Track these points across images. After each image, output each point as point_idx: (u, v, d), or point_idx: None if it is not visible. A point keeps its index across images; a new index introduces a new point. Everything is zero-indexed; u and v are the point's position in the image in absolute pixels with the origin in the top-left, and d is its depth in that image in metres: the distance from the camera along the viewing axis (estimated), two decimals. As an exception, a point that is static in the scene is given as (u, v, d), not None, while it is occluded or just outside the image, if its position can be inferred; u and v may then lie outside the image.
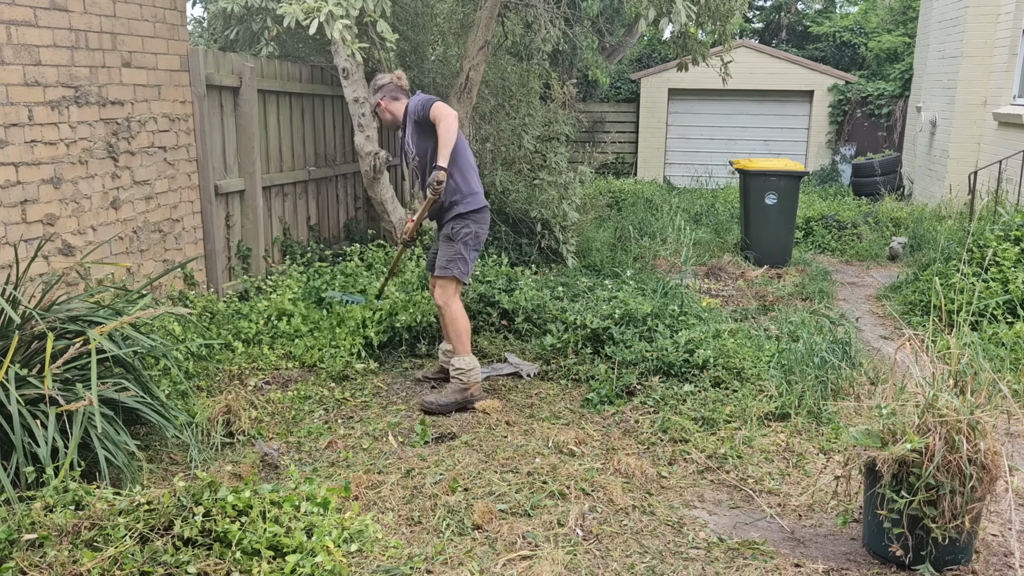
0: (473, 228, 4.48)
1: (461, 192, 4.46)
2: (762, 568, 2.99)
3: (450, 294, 4.51)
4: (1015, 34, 9.64)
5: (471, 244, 4.50)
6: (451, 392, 4.45)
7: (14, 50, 4.14)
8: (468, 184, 4.48)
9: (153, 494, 2.90)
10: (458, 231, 4.46)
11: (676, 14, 6.01)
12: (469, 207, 4.47)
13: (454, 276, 4.47)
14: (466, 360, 4.47)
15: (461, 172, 4.45)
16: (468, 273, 4.53)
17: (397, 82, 4.60)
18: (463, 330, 4.50)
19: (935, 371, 3.04)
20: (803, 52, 17.34)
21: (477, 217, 4.49)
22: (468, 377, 4.45)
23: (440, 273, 4.49)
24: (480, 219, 4.52)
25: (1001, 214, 6.99)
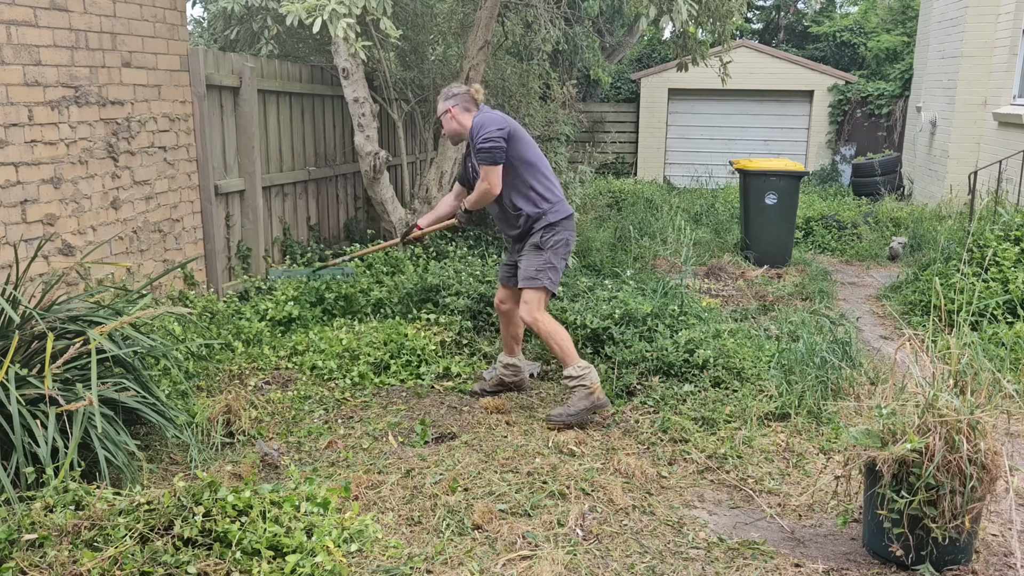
0: (564, 235, 4.30)
1: (548, 201, 4.30)
2: (762, 568, 2.99)
3: (538, 307, 4.24)
4: (1015, 34, 9.64)
5: (561, 252, 4.30)
6: (577, 400, 4.19)
7: (14, 50, 4.14)
8: (552, 192, 4.33)
9: (153, 494, 2.90)
10: (547, 239, 4.26)
11: (677, 12, 6.01)
12: (559, 215, 4.30)
13: (544, 287, 4.23)
14: (580, 365, 4.23)
15: (542, 182, 4.31)
16: (558, 282, 4.33)
17: (474, 94, 4.40)
18: (564, 340, 4.25)
19: (935, 371, 3.04)
20: (803, 52, 17.35)
21: (567, 224, 4.33)
22: (589, 380, 4.20)
23: (527, 284, 4.24)
24: (569, 226, 4.36)
25: (1001, 214, 6.99)
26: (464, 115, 4.35)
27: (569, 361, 4.23)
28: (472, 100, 4.36)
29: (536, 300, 4.24)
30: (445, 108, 4.36)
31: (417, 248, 6.93)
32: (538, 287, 4.23)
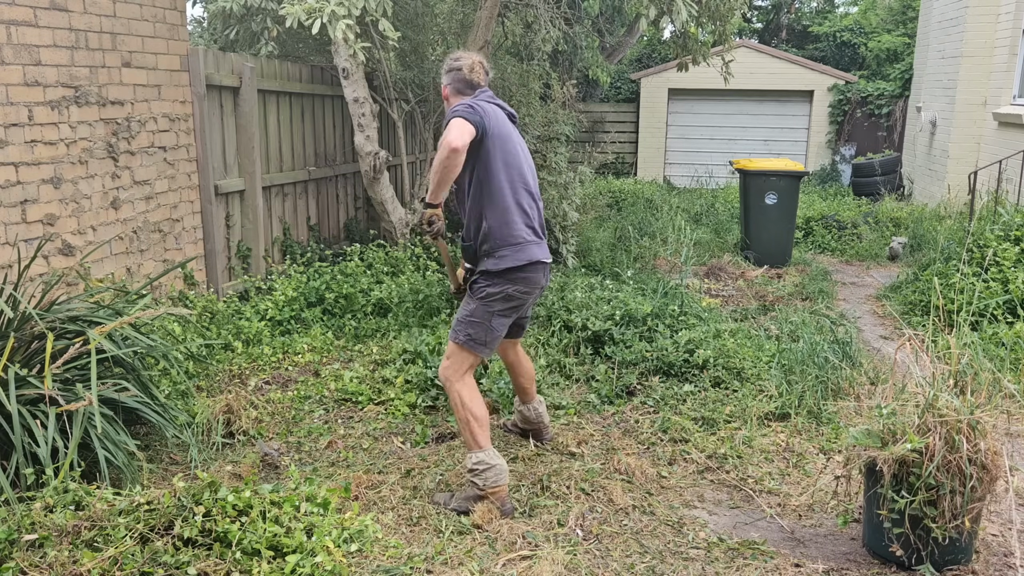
0: (502, 289, 3.32)
1: (492, 240, 3.32)
2: (762, 568, 2.99)
3: (455, 367, 3.36)
4: (1015, 34, 9.64)
5: (496, 307, 3.34)
6: (464, 498, 3.36)
7: (14, 50, 4.14)
8: (504, 228, 3.31)
9: (153, 494, 2.90)
10: (481, 287, 3.36)
11: (677, 13, 6.01)
12: (507, 263, 3.30)
13: (462, 344, 3.36)
14: (481, 456, 3.32)
15: (493, 210, 3.32)
16: (487, 345, 3.36)
17: (468, 74, 3.43)
18: (472, 419, 3.32)
19: (935, 371, 3.04)
20: (803, 52, 17.34)
21: (519, 276, 3.34)
22: (487, 481, 3.29)
23: (450, 335, 3.42)
24: (517, 278, 3.34)
25: (1001, 214, 6.99)
26: (455, 99, 3.47)
27: (473, 447, 3.33)
28: (467, 82, 3.44)
29: (455, 356, 3.37)
30: (443, 86, 3.55)
31: (417, 248, 6.93)
32: (458, 343, 3.36)
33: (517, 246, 3.33)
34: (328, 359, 5.13)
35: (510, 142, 3.37)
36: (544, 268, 3.43)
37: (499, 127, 3.32)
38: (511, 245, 3.32)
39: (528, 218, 3.38)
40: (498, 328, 3.36)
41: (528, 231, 3.37)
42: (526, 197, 3.40)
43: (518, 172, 3.38)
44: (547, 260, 3.44)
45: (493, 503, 3.28)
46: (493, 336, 3.37)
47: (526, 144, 3.79)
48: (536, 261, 3.36)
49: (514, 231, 3.33)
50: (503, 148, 3.32)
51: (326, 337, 5.35)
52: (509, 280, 3.32)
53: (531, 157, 3.56)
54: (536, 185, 3.51)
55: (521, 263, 3.32)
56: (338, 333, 5.56)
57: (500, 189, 3.31)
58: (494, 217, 3.32)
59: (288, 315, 5.56)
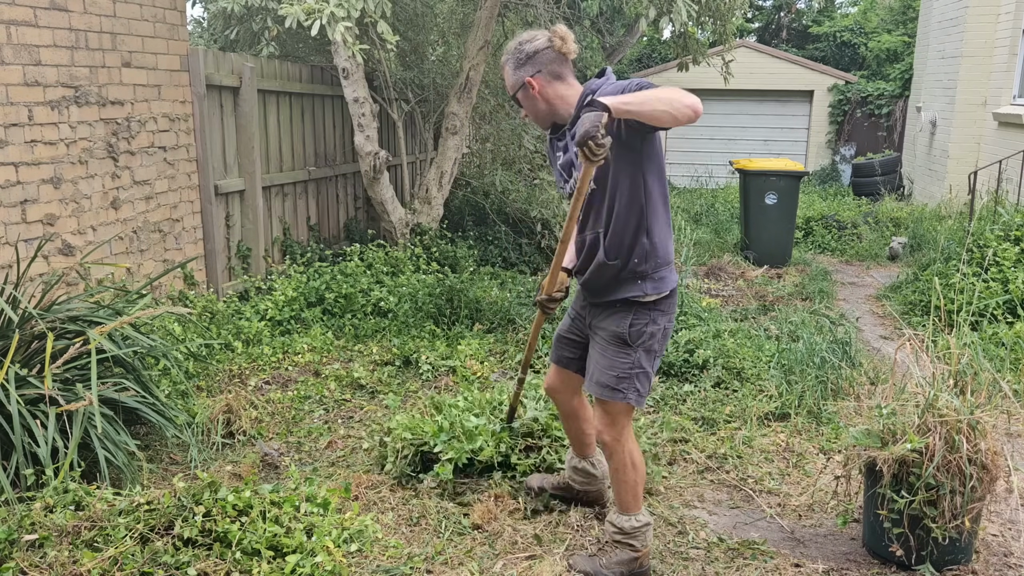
0: (662, 324, 2.82)
1: (652, 259, 2.76)
2: (762, 568, 2.99)
3: (621, 428, 2.86)
4: (1015, 34, 9.64)
5: (658, 347, 2.85)
6: (615, 562, 2.93)
7: (14, 50, 4.14)
8: (663, 247, 2.78)
9: (153, 494, 2.90)
10: (640, 330, 2.78)
11: (677, 13, 6.01)
12: (660, 290, 2.77)
13: (632, 404, 2.84)
14: (643, 517, 2.96)
15: (658, 221, 2.76)
16: (647, 393, 2.88)
17: (560, 46, 2.74)
18: (640, 480, 2.93)
19: (935, 371, 3.04)
20: (803, 52, 17.34)
21: (667, 305, 2.82)
22: (641, 543, 2.94)
23: (604, 396, 2.83)
24: (669, 307, 2.84)
25: (1001, 214, 6.99)
26: (556, 85, 2.77)
27: (630, 509, 2.94)
28: (562, 58, 2.77)
29: (620, 417, 2.86)
30: (522, 80, 2.76)
31: (418, 248, 6.93)
32: (627, 402, 2.83)
33: (670, 267, 2.82)
34: (328, 359, 5.13)
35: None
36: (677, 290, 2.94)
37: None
38: (667, 266, 2.79)
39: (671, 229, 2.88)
40: (654, 372, 2.88)
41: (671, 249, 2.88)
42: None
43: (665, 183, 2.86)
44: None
45: (644, 562, 2.94)
46: (651, 383, 2.92)
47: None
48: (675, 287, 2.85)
49: (670, 251, 2.83)
50: (660, 151, 2.78)
51: (326, 337, 5.35)
52: (662, 311, 2.80)
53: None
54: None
55: (675, 284, 2.84)
56: (338, 333, 5.56)
57: (663, 197, 2.77)
58: (660, 231, 2.76)
59: (288, 315, 5.56)
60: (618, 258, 2.74)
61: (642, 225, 2.71)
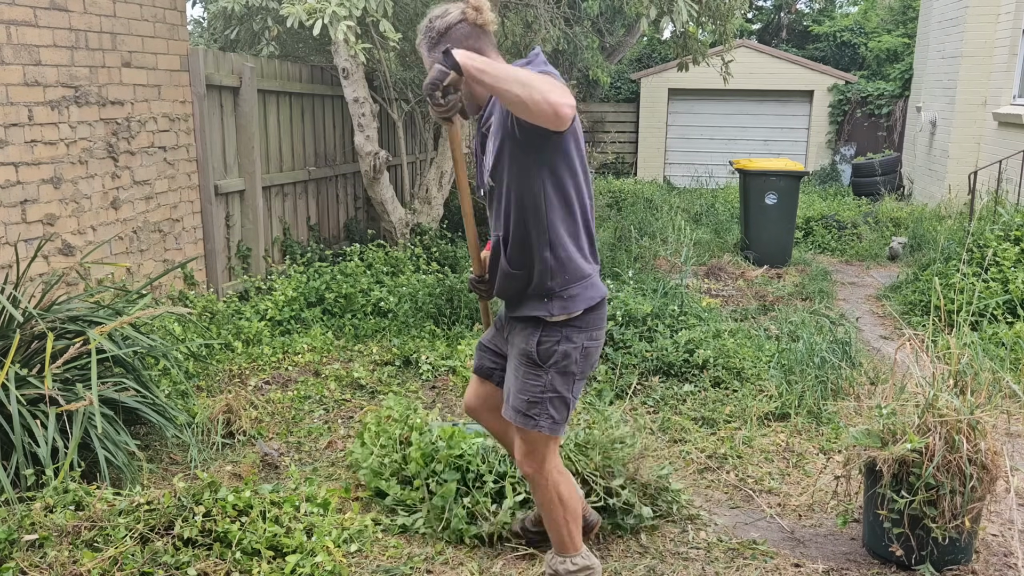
0: (579, 342, 2.46)
1: (559, 276, 2.42)
2: (762, 568, 2.99)
3: (541, 457, 2.55)
4: (1015, 34, 9.64)
5: (575, 372, 2.48)
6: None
7: (14, 50, 4.14)
8: (573, 263, 2.43)
9: (153, 494, 2.90)
10: (549, 350, 2.44)
11: (677, 13, 6.01)
12: (569, 310, 2.43)
13: (545, 433, 2.50)
14: (582, 561, 2.68)
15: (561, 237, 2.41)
16: (566, 422, 2.54)
17: (475, 18, 2.40)
18: (571, 518, 2.61)
19: (935, 371, 3.04)
20: (803, 52, 17.34)
21: (586, 322, 2.46)
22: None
23: (518, 422, 2.52)
24: (590, 323, 2.47)
25: (1001, 214, 6.99)
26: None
27: (569, 549, 2.66)
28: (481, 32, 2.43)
29: (537, 443, 2.53)
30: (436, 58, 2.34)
31: (417, 248, 6.93)
32: (538, 430, 2.50)
33: (586, 280, 2.45)
34: (328, 359, 5.13)
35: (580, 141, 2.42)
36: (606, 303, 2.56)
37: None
38: (580, 280, 2.44)
39: (592, 241, 2.51)
40: (576, 397, 2.53)
41: (593, 259, 2.51)
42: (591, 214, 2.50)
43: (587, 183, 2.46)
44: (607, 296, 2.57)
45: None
46: (571, 410, 2.55)
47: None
48: (604, 298, 2.51)
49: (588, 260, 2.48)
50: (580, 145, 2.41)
51: (326, 337, 5.35)
52: (580, 328, 2.45)
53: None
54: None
55: (603, 296, 2.50)
56: (338, 333, 5.56)
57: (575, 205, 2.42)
58: (567, 245, 2.41)
59: (288, 315, 5.56)
60: (522, 269, 2.43)
61: (543, 237, 2.37)
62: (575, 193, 2.39)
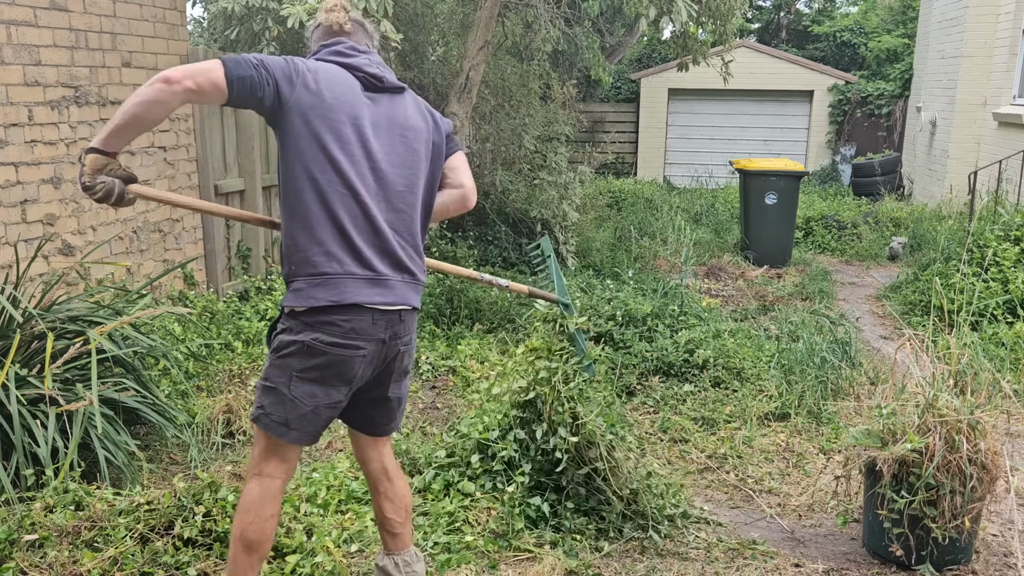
0: (305, 339, 2.24)
1: (288, 264, 2.30)
2: (762, 568, 2.99)
3: (256, 457, 2.34)
4: (1015, 34, 9.64)
5: (295, 369, 2.26)
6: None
7: (14, 50, 4.14)
8: (303, 255, 2.26)
9: (153, 494, 2.90)
10: (277, 337, 2.30)
11: (677, 13, 6.01)
12: (295, 303, 2.26)
13: (255, 422, 2.32)
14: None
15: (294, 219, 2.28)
16: (292, 426, 2.28)
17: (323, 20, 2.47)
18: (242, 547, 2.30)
19: (935, 371, 3.04)
20: (803, 52, 17.34)
21: (318, 321, 2.24)
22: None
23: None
24: (324, 325, 2.24)
25: (1001, 214, 6.99)
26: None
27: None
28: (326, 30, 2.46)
29: (259, 439, 2.34)
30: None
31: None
32: (252, 419, 2.35)
33: (319, 278, 2.23)
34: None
35: (344, 124, 2.26)
36: (384, 316, 2.28)
37: (326, 97, 2.24)
38: (309, 276, 2.24)
39: (355, 239, 2.25)
40: (304, 400, 2.25)
41: (350, 258, 2.25)
42: (364, 208, 2.26)
43: (355, 169, 2.26)
44: (388, 305, 2.28)
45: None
46: (298, 412, 2.26)
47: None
48: (353, 304, 2.23)
49: (317, 256, 2.24)
50: (326, 129, 2.23)
51: (326, 337, 5.35)
52: (309, 325, 2.24)
53: (420, 155, 2.40)
54: (415, 195, 2.38)
55: (320, 304, 2.22)
56: (338, 333, 5.55)
57: (305, 190, 2.24)
58: (293, 231, 2.27)
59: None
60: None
61: (284, 218, 2.31)
62: (324, 181, 2.23)
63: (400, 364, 2.43)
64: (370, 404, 2.46)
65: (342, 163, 2.24)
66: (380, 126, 2.32)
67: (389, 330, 2.31)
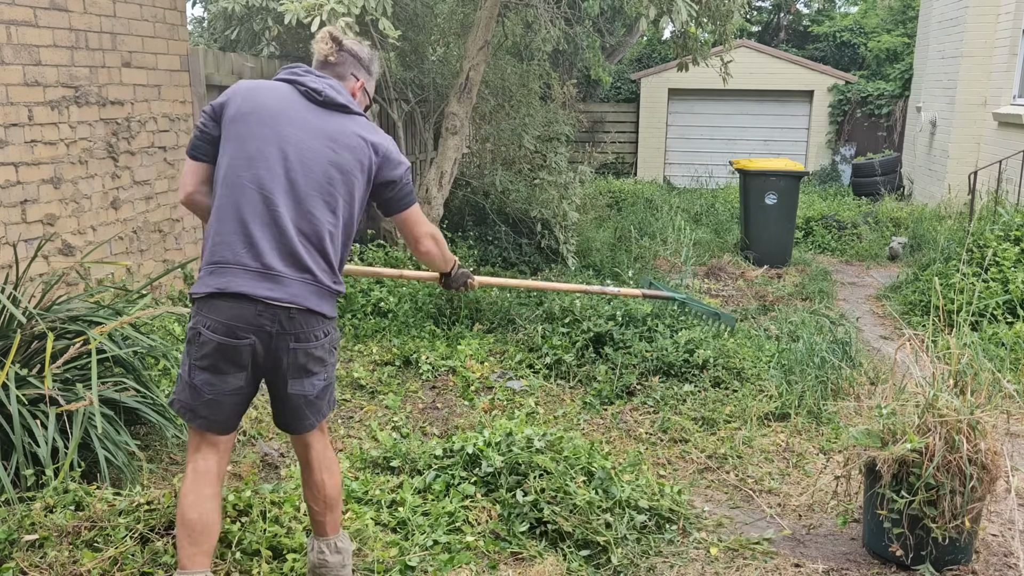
0: (196, 326, 2.36)
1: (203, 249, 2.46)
2: (762, 568, 2.99)
3: (189, 442, 2.47)
4: (1015, 34, 9.64)
5: (191, 356, 2.37)
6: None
7: (14, 50, 4.14)
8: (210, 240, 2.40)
9: (153, 494, 2.90)
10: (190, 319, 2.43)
11: (677, 13, 6.01)
12: (196, 286, 2.39)
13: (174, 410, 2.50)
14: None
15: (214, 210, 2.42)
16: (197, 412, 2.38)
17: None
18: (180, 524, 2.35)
19: (935, 371, 3.04)
20: (803, 52, 17.34)
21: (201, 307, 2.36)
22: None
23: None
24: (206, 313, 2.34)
25: (1001, 214, 6.99)
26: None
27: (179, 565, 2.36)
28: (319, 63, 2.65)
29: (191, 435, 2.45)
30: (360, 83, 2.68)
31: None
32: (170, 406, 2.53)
33: (212, 266, 2.35)
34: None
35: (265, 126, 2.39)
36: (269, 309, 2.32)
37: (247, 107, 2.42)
38: (207, 264, 2.38)
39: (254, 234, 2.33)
40: (204, 388, 2.34)
41: (245, 250, 2.33)
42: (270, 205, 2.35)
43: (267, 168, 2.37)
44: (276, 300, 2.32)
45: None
46: (201, 399, 2.35)
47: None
48: (238, 293, 2.30)
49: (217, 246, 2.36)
50: (245, 131, 2.39)
51: (326, 337, 5.35)
52: (200, 311, 2.35)
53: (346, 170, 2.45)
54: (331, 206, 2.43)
55: (207, 291, 2.33)
56: (338, 333, 5.55)
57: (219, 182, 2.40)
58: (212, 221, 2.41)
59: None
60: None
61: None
62: (235, 176, 2.38)
63: (294, 361, 2.40)
64: (277, 401, 2.52)
65: (256, 161, 2.37)
66: (307, 134, 2.42)
67: (276, 324, 2.34)
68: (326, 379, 2.51)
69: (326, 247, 2.42)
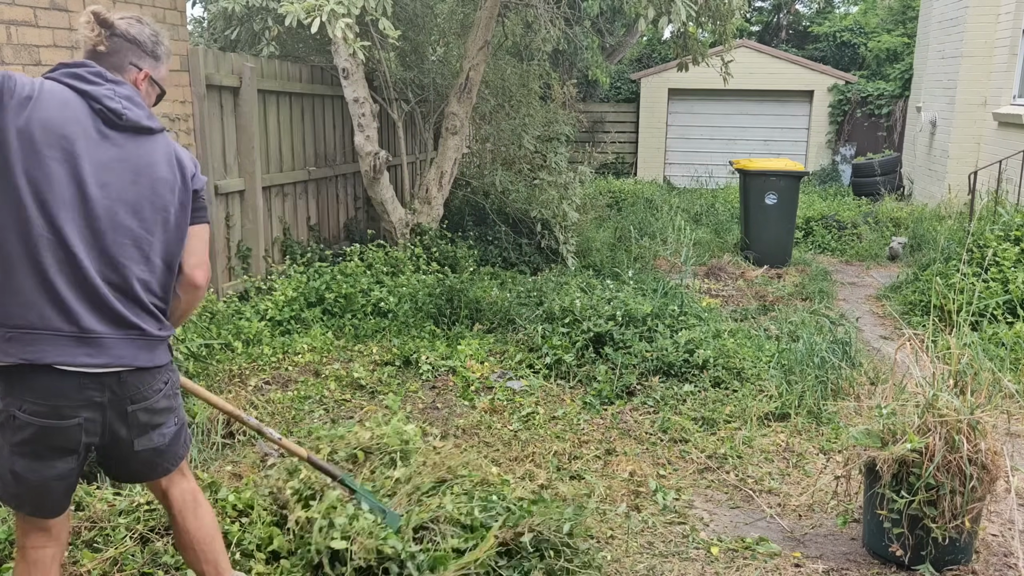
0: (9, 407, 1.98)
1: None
2: (762, 568, 2.99)
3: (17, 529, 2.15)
4: (1015, 34, 9.64)
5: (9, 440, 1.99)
6: None
7: (14, 50, 4.14)
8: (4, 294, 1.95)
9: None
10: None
11: (676, 13, 6.01)
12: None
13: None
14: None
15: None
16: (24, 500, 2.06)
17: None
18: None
19: (935, 371, 3.04)
20: (803, 52, 17.34)
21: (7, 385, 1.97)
22: None
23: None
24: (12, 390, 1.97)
25: (1001, 214, 6.99)
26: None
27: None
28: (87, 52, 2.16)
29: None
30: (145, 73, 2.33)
31: (417, 248, 6.93)
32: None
33: (13, 331, 1.94)
34: (328, 359, 5.13)
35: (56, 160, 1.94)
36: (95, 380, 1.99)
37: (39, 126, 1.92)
38: (3, 327, 1.95)
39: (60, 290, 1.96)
40: (27, 476, 2.00)
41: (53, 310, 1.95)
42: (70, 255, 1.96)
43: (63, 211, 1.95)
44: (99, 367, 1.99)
45: None
46: (26, 487, 2.02)
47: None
48: (49, 366, 1.94)
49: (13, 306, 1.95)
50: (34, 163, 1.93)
51: (326, 337, 5.35)
52: (9, 388, 1.97)
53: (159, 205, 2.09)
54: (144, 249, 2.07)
55: (13, 361, 1.94)
56: (338, 333, 5.56)
57: (5, 227, 1.94)
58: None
59: (288, 315, 5.56)
60: None
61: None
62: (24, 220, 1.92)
63: (136, 422, 2.08)
64: (120, 463, 2.18)
65: (49, 203, 1.93)
66: (107, 167, 2.01)
67: (107, 392, 2.01)
68: (177, 422, 2.21)
69: (140, 297, 2.05)
